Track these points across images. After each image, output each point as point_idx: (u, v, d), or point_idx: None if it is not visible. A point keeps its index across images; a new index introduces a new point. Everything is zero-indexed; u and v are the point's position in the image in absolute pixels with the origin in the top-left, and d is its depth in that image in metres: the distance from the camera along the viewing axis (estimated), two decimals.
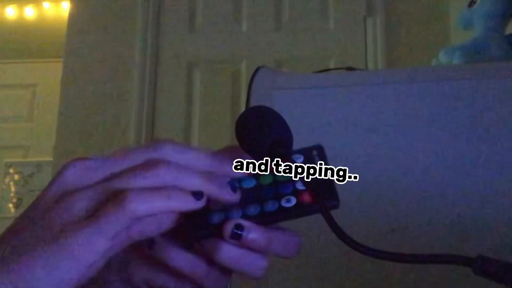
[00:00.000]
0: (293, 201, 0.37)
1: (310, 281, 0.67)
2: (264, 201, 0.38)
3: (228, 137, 2.28)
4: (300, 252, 0.38)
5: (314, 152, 0.40)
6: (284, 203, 0.37)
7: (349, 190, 0.67)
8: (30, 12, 3.66)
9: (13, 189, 3.20)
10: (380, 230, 0.66)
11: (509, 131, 0.67)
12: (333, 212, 0.37)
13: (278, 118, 0.41)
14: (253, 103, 0.71)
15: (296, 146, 0.42)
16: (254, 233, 0.36)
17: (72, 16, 2.60)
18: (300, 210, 0.37)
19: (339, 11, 2.45)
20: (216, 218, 0.37)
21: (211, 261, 0.37)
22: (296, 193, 0.38)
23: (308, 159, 0.40)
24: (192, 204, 0.35)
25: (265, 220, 0.37)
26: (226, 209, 0.38)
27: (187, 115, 2.42)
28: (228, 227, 0.35)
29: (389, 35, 2.39)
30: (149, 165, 0.35)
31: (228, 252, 0.36)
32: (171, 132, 2.39)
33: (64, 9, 3.42)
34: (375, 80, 0.75)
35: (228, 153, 0.40)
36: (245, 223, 0.36)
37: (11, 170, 3.22)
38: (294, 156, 0.40)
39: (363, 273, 0.66)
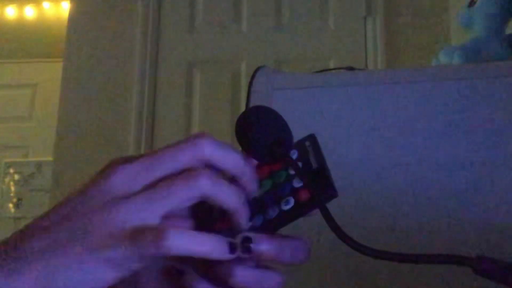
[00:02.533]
0: (291, 201, 0.37)
1: (310, 281, 0.67)
2: (266, 209, 0.38)
3: (228, 137, 2.28)
4: (309, 258, 0.38)
5: (307, 143, 0.40)
6: (283, 206, 0.37)
7: (349, 190, 0.67)
8: (30, 12, 3.66)
9: (13, 189, 3.20)
10: (380, 230, 0.66)
11: (509, 131, 0.67)
12: (333, 212, 0.37)
13: (278, 118, 0.41)
14: (253, 103, 0.71)
15: None
16: (262, 243, 0.36)
17: (72, 16, 2.60)
18: (299, 210, 0.37)
19: (339, 11, 2.45)
20: (225, 235, 0.37)
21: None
22: (294, 192, 0.38)
23: (303, 153, 0.40)
24: (225, 256, 0.35)
25: (269, 227, 0.37)
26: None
27: (187, 115, 2.42)
28: (237, 242, 0.36)
29: (389, 35, 2.39)
30: (189, 177, 0.35)
31: (242, 276, 0.36)
32: (171, 132, 2.39)
33: (64, 9, 3.42)
34: (375, 80, 0.75)
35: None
36: (251, 235, 0.36)
37: (11, 170, 3.22)
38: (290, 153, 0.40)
39: (363, 273, 0.66)
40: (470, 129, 0.68)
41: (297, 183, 0.38)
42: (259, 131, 0.40)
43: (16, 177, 3.20)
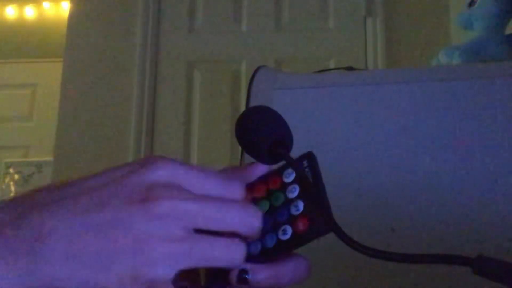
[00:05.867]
0: (289, 231, 0.37)
1: (309, 281, 0.67)
2: (264, 235, 0.37)
3: (228, 137, 2.28)
4: (311, 273, 0.38)
5: (305, 163, 0.39)
6: (281, 236, 0.37)
7: (349, 190, 0.67)
8: (30, 12, 3.66)
9: (13, 189, 3.20)
10: (380, 230, 0.66)
11: (510, 131, 0.67)
12: (333, 212, 0.37)
13: (278, 118, 0.41)
14: (253, 103, 0.71)
15: (296, 145, 0.41)
16: (259, 274, 0.36)
17: (72, 16, 2.60)
18: (297, 241, 0.36)
19: (339, 11, 2.45)
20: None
21: None
22: (292, 220, 0.37)
23: (300, 175, 0.39)
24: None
25: (267, 256, 0.37)
26: None
27: (187, 115, 2.42)
28: (233, 275, 0.36)
29: (389, 35, 2.39)
30: (232, 248, 0.35)
31: None
32: (171, 132, 2.39)
33: (64, 9, 3.42)
34: (375, 80, 0.75)
35: (232, 175, 0.40)
36: (247, 266, 0.36)
37: (11, 170, 3.22)
38: (286, 173, 0.39)
39: (363, 273, 0.66)
40: (471, 129, 0.68)
41: (295, 210, 0.37)
42: (259, 131, 0.40)
43: (16, 177, 3.20)
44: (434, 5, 2.38)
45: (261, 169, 0.40)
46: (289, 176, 0.39)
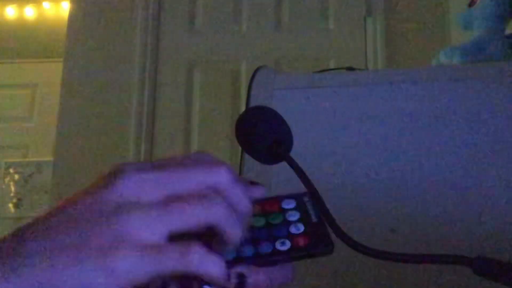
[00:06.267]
0: (288, 244, 0.37)
1: (309, 281, 0.67)
2: (258, 242, 0.37)
3: (228, 137, 2.28)
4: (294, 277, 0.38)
5: (306, 198, 0.40)
6: (278, 246, 0.37)
7: (349, 190, 0.67)
8: (30, 12, 3.66)
9: (13, 189, 3.20)
10: (380, 230, 0.66)
11: (510, 131, 0.67)
12: (333, 212, 0.37)
13: (278, 118, 0.41)
14: (253, 103, 0.71)
15: (296, 145, 0.41)
16: (255, 276, 0.36)
17: (72, 16, 2.60)
18: (294, 254, 0.37)
19: (339, 11, 2.45)
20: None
21: None
22: (291, 237, 0.37)
23: (300, 204, 0.39)
24: (224, 283, 0.35)
25: (260, 262, 0.37)
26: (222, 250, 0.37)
27: (187, 115, 2.42)
28: (233, 279, 0.36)
29: (389, 35, 2.39)
30: (205, 201, 0.35)
31: None
32: (171, 132, 2.40)
33: (64, 9, 3.42)
34: (375, 80, 0.75)
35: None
36: (244, 270, 0.36)
37: (11, 170, 3.22)
38: (285, 202, 0.39)
39: (363, 273, 0.66)
40: (471, 129, 0.68)
41: (294, 230, 0.38)
42: (259, 131, 0.40)
43: (16, 177, 3.20)
44: (434, 5, 2.38)
45: (260, 192, 0.40)
46: (289, 204, 0.39)
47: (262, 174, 0.61)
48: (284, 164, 0.41)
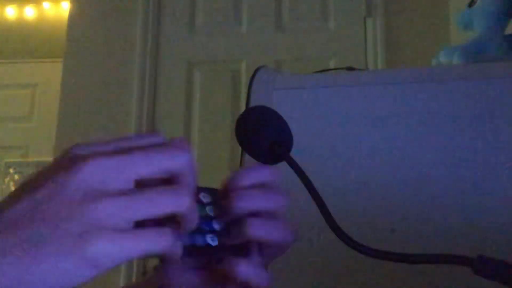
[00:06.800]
0: (216, 241, 0.37)
1: (309, 281, 0.67)
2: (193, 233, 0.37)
3: (228, 137, 2.28)
4: (298, 236, 0.38)
5: (212, 195, 0.40)
6: (209, 240, 0.37)
7: (349, 189, 0.67)
8: (30, 12, 3.66)
9: (13, 189, 3.19)
10: (380, 230, 0.66)
11: (509, 131, 0.67)
12: (333, 212, 0.37)
13: (278, 118, 0.41)
14: (253, 103, 0.71)
15: (296, 146, 0.42)
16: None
17: (72, 16, 2.60)
18: (221, 252, 0.37)
19: (339, 11, 2.45)
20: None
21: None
22: (218, 234, 0.38)
23: (214, 200, 0.39)
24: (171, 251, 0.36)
25: (199, 253, 0.37)
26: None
27: (187, 115, 2.42)
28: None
29: (389, 35, 2.39)
30: (172, 191, 0.35)
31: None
32: (171, 132, 2.39)
33: (64, 9, 3.42)
34: (375, 80, 0.75)
35: None
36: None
37: (11, 170, 3.22)
38: (202, 195, 0.39)
39: (363, 273, 0.66)
40: (471, 129, 0.68)
41: (216, 225, 0.38)
42: (259, 131, 0.40)
43: (16, 177, 3.20)
44: (434, 5, 2.38)
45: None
46: (205, 197, 0.39)
47: None
48: (284, 164, 0.41)
